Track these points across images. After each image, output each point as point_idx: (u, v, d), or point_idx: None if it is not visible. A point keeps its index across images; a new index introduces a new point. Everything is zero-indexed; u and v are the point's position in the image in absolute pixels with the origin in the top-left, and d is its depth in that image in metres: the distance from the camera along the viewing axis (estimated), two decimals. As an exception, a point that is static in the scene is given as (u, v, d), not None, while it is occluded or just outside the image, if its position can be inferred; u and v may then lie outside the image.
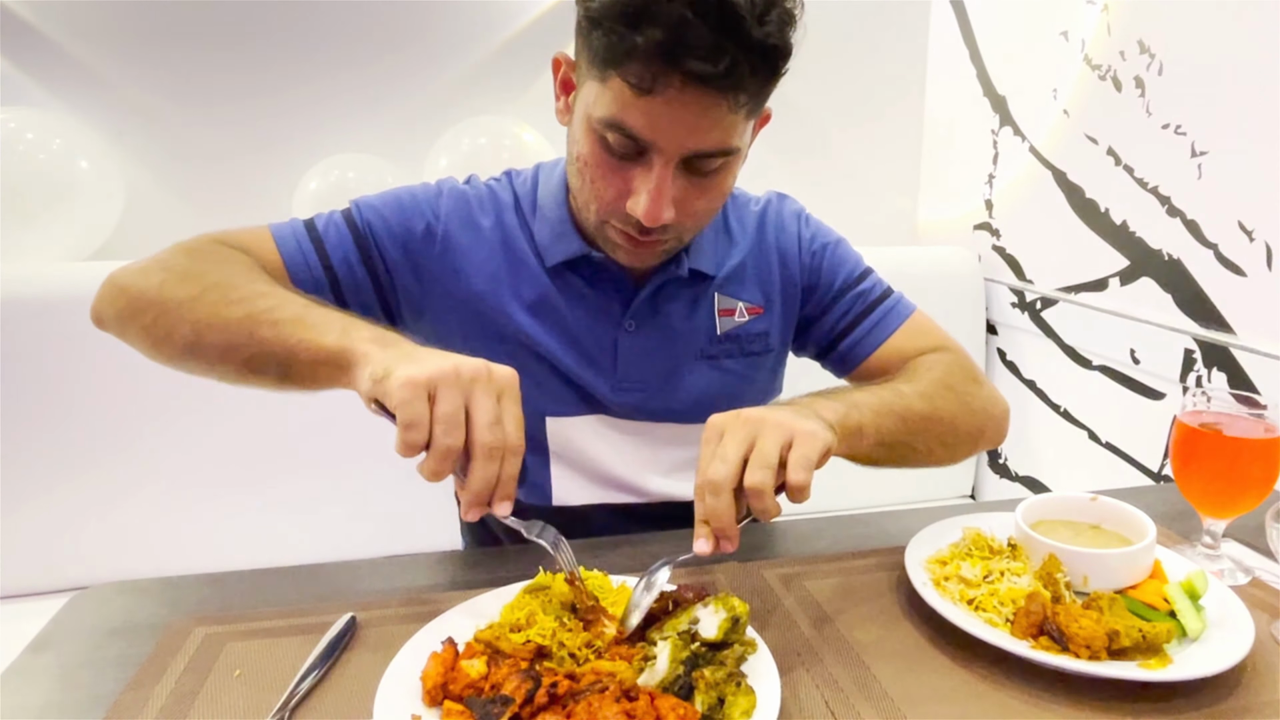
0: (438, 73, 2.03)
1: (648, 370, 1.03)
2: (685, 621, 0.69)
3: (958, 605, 0.78)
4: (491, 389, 0.69)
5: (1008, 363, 2.07)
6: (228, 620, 0.79)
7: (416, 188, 1.03)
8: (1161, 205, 1.58)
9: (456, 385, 0.67)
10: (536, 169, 1.07)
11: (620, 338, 1.01)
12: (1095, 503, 0.89)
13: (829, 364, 1.14)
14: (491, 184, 1.06)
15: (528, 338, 1.00)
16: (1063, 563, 0.80)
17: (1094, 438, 1.80)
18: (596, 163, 0.86)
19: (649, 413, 1.04)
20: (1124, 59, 1.64)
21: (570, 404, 1.02)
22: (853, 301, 1.09)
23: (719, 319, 1.05)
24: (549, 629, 0.71)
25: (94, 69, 1.85)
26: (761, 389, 1.12)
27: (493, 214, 1.02)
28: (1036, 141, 1.92)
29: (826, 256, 1.09)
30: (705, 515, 0.71)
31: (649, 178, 0.83)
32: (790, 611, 0.81)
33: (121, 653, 0.75)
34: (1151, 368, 1.62)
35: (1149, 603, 0.77)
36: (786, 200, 1.13)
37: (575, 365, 1.01)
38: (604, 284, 1.01)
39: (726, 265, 1.05)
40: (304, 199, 1.89)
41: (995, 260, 2.09)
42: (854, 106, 2.29)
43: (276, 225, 0.98)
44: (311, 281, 0.95)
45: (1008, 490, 2.11)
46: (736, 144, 0.85)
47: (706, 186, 0.87)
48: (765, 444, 0.71)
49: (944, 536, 0.89)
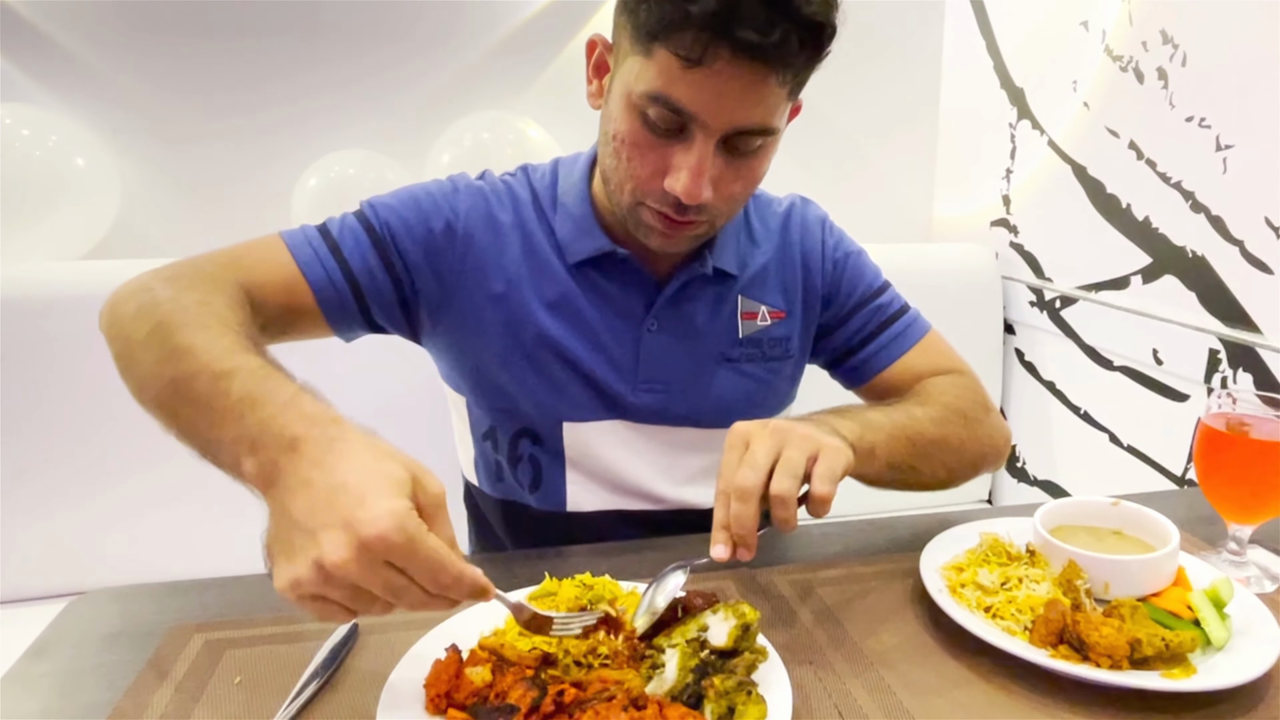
0: (440, 66, 2.03)
1: (669, 371, 1.04)
2: (695, 628, 0.70)
3: (974, 613, 0.78)
4: (377, 556, 0.54)
5: (1026, 363, 2.07)
6: (228, 626, 0.80)
7: (431, 185, 1.02)
8: (1185, 200, 1.57)
9: (335, 583, 0.55)
10: (555, 164, 1.07)
11: (643, 337, 1.02)
12: (1117, 507, 0.89)
13: (839, 375, 1.15)
14: (507, 179, 1.06)
15: (549, 338, 1.00)
16: (1083, 569, 0.79)
17: (1115, 441, 1.79)
18: (635, 140, 0.86)
19: (668, 416, 1.05)
20: (1146, 49, 1.64)
21: (589, 408, 1.03)
22: (870, 315, 1.10)
23: (741, 322, 1.06)
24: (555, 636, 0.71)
25: (90, 64, 1.86)
26: (781, 396, 1.13)
27: (511, 210, 1.02)
28: (1055, 135, 1.91)
29: (848, 266, 1.11)
30: (727, 520, 0.73)
31: (689, 154, 0.84)
32: (802, 618, 0.81)
33: (120, 659, 0.75)
34: (1175, 368, 1.61)
35: (1172, 611, 0.77)
36: (810, 205, 1.14)
37: (596, 365, 1.01)
38: (627, 282, 1.01)
39: (750, 267, 1.07)
40: (304, 196, 1.90)
41: (1013, 258, 2.08)
42: (867, 99, 2.29)
43: (288, 233, 0.95)
44: (334, 292, 0.94)
45: (1026, 495, 2.10)
46: (776, 124, 0.86)
47: (743, 169, 0.88)
48: (792, 454, 0.74)
49: (960, 542, 0.89)
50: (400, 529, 0.54)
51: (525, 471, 1.07)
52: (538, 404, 1.02)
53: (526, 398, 1.02)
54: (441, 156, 1.94)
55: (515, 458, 1.07)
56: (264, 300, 0.89)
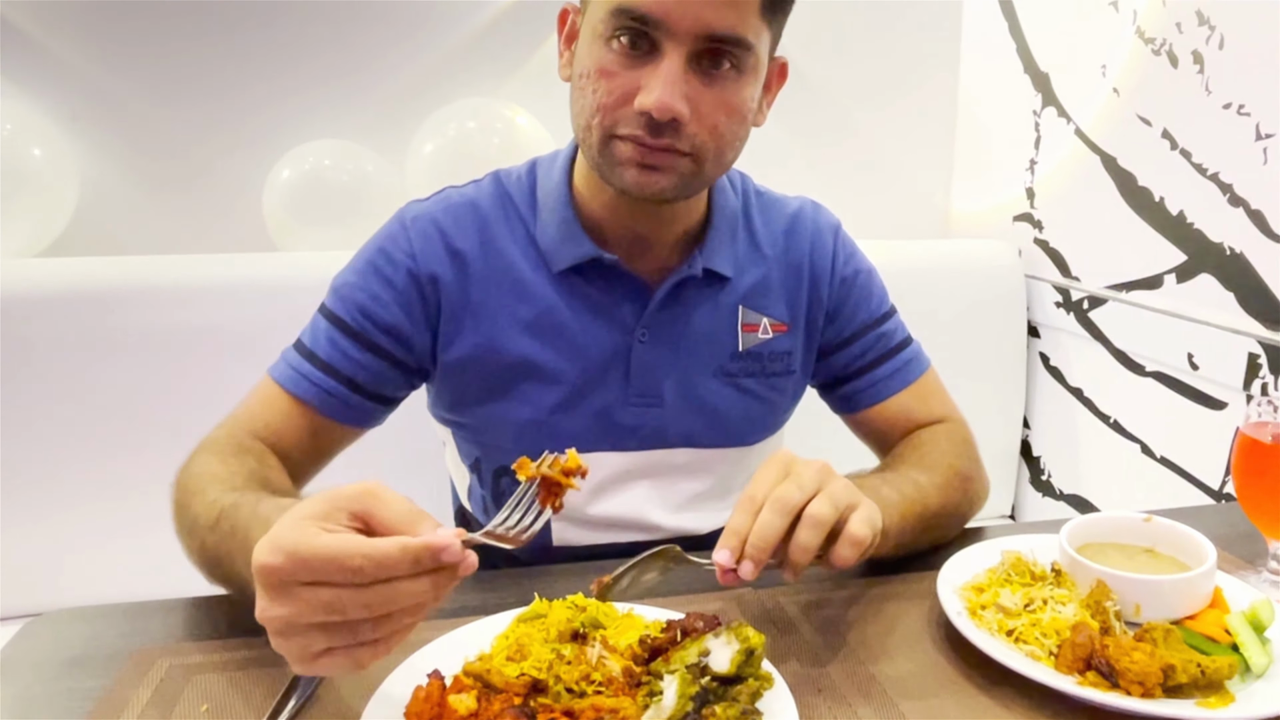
0: (423, 50, 2.04)
1: (662, 385, 1.03)
2: (695, 654, 0.69)
3: (996, 637, 0.78)
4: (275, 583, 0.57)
5: (1051, 368, 2.07)
6: (196, 651, 0.80)
7: (381, 237, 1.02)
8: (1223, 194, 1.58)
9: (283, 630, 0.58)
10: (533, 164, 1.07)
11: (634, 347, 1.02)
12: (1149, 524, 0.89)
13: (829, 398, 1.17)
14: (469, 195, 1.04)
15: (529, 363, 1.01)
16: (1113, 590, 0.79)
17: (1147, 452, 1.80)
18: (602, 68, 0.88)
19: (662, 436, 1.05)
20: (1180, 31, 1.64)
21: (574, 439, 1.01)
22: (872, 343, 1.11)
23: (742, 334, 1.06)
24: (545, 661, 0.71)
25: (47, 47, 1.86)
26: (781, 416, 1.14)
27: (474, 231, 1.01)
28: (1083, 123, 1.92)
29: (857, 285, 1.11)
30: (746, 529, 0.73)
31: (659, 71, 0.85)
32: (810, 643, 0.81)
33: (79, 686, 0.75)
34: (1212, 374, 1.61)
35: (1209, 634, 0.77)
36: (822, 211, 1.14)
37: (585, 380, 1.02)
38: (614, 289, 1.01)
39: (752, 274, 1.06)
40: (276, 189, 1.89)
41: (1037, 255, 2.09)
42: (879, 84, 2.29)
43: (273, 368, 1.00)
44: (334, 400, 0.98)
45: (1051, 510, 2.10)
46: (750, 37, 0.87)
47: (722, 95, 0.89)
48: (837, 488, 0.76)
49: (981, 561, 0.89)
50: (273, 549, 0.56)
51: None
52: (517, 440, 1.02)
53: (505, 435, 1.03)
54: (424, 147, 1.95)
55: (497, 493, 1.08)
56: (282, 440, 0.97)
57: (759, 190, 1.12)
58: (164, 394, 1.67)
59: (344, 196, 1.90)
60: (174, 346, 1.67)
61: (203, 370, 1.67)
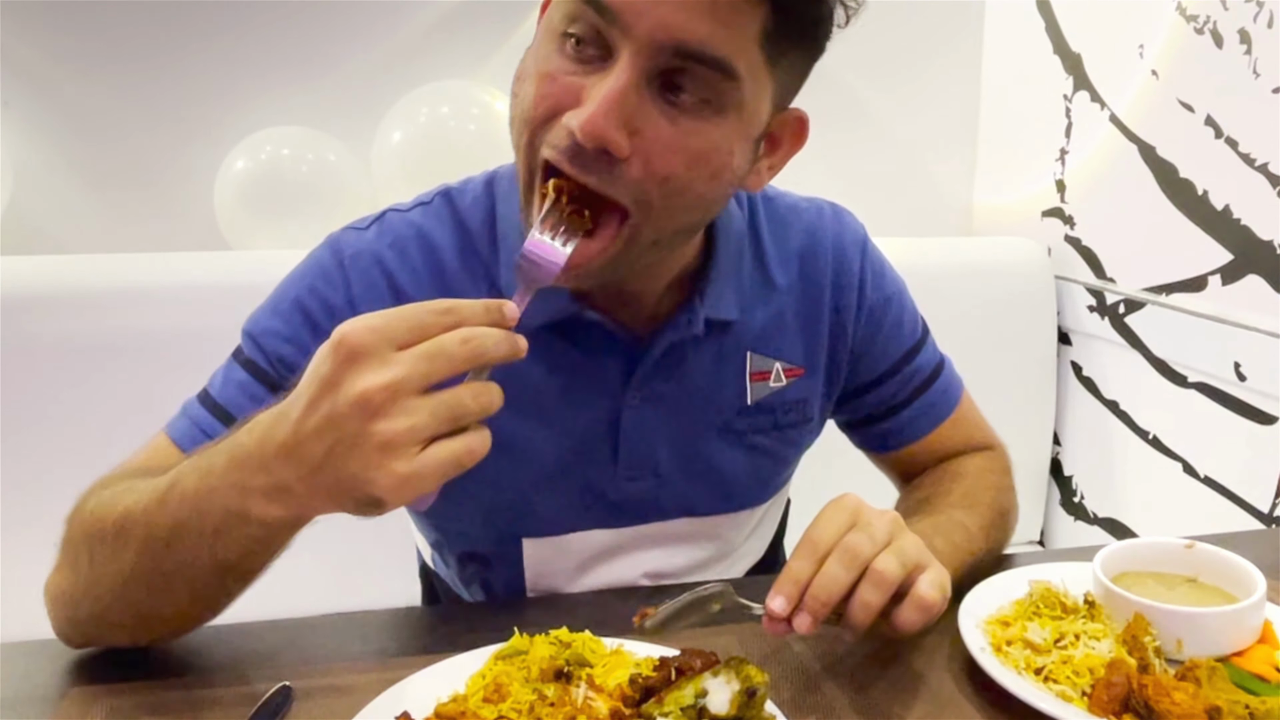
0: (392, 28, 2.04)
1: (658, 453, 0.97)
2: (691, 694, 0.69)
3: (1023, 675, 0.78)
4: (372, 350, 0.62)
5: (1084, 379, 2.07)
6: (137, 690, 0.79)
7: (311, 270, 0.93)
8: (1272, 186, 1.59)
9: (392, 404, 0.61)
10: (489, 180, 0.96)
11: (623, 414, 0.94)
12: (1191, 550, 0.89)
13: (856, 437, 1.14)
14: (417, 221, 0.94)
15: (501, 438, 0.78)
16: (1152, 624, 0.79)
17: (1190, 471, 1.80)
18: (543, 69, 0.76)
19: (658, 509, 1.00)
20: (1226, 8, 1.65)
21: (555, 518, 0.98)
22: (905, 379, 1.06)
23: (751, 385, 0.98)
24: (526, 702, 0.71)
25: (-25, 23, 1.86)
26: (789, 471, 1.10)
27: (426, 276, 0.92)
28: (1119, 109, 1.93)
29: (888, 317, 1.04)
30: (808, 578, 0.73)
31: (604, 82, 0.72)
32: (818, 681, 0.81)
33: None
34: (1260, 385, 1.62)
35: (1257, 673, 0.77)
36: (845, 219, 1.05)
37: (566, 455, 0.95)
38: (599, 347, 0.92)
39: (762, 311, 0.98)
40: (230, 181, 1.89)
41: (1069, 254, 2.10)
42: (895, 65, 2.30)
43: (170, 424, 0.91)
44: None
45: (1084, 535, 2.11)
46: (735, 64, 0.73)
47: (681, 130, 0.74)
48: (907, 544, 0.76)
49: (1007, 592, 0.89)
50: (355, 327, 0.61)
51: (477, 593, 1.05)
52: (486, 524, 0.98)
53: (473, 520, 0.98)
54: (392, 134, 1.95)
55: (465, 578, 1.05)
56: None
57: (768, 195, 1.02)
58: (91, 407, 1.66)
59: (304, 189, 1.90)
60: (114, 354, 1.66)
61: (142, 381, 1.64)
